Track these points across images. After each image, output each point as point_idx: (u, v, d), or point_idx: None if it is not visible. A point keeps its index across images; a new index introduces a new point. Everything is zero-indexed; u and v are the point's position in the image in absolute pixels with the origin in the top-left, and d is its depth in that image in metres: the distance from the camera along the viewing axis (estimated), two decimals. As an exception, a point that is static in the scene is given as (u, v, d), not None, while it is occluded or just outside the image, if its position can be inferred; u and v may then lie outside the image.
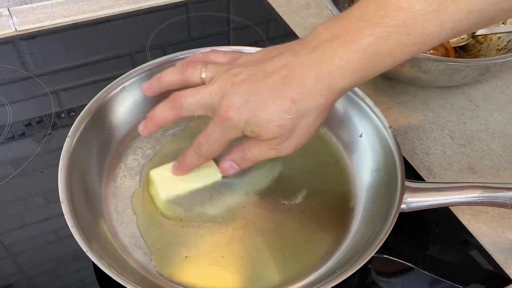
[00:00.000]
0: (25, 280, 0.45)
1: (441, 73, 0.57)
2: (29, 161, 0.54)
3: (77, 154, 0.47)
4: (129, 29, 0.73)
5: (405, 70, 0.58)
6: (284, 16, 0.76)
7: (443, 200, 0.45)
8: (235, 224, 0.47)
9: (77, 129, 0.48)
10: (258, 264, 0.45)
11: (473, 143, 0.59)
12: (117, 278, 0.38)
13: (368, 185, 0.50)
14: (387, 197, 0.46)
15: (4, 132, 0.57)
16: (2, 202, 0.50)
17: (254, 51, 0.45)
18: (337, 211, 0.49)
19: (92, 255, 0.38)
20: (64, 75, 0.65)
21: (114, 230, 0.46)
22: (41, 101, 0.61)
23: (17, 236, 0.48)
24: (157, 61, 0.55)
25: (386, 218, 0.43)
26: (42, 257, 0.46)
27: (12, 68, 0.65)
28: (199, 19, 0.76)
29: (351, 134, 0.54)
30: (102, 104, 0.51)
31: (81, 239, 0.40)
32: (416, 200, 0.45)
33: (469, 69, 0.56)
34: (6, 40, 0.70)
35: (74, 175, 0.45)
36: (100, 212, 0.47)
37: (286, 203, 0.49)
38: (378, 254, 0.46)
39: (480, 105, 0.63)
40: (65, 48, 0.69)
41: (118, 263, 0.42)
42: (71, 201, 0.43)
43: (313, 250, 0.46)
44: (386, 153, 0.49)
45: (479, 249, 0.48)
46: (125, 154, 0.53)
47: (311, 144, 0.54)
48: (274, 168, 0.52)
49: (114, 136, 0.53)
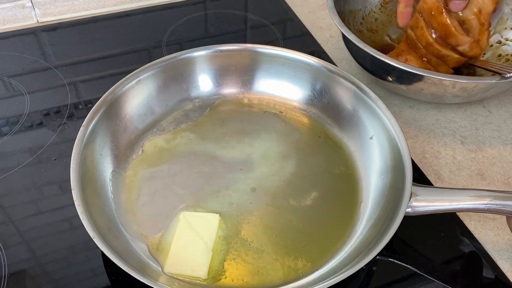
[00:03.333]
0: (38, 267, 0.46)
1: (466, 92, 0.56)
2: (44, 149, 0.55)
3: (90, 144, 0.48)
4: (147, 24, 0.74)
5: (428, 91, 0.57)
6: (301, 16, 0.77)
7: (449, 206, 0.44)
8: (240, 218, 0.48)
9: (92, 119, 0.49)
10: (261, 260, 0.45)
11: (484, 149, 0.58)
12: (122, 265, 0.38)
13: (376, 187, 0.50)
14: (394, 200, 0.46)
15: (21, 120, 0.58)
16: (17, 189, 0.51)
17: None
18: (343, 212, 0.49)
19: (99, 241, 0.39)
20: (82, 67, 0.66)
21: (124, 219, 0.47)
22: (58, 91, 0.62)
23: (32, 222, 0.49)
24: (172, 55, 0.56)
25: (391, 221, 0.43)
26: (55, 245, 0.47)
27: (33, 59, 0.67)
28: (216, 16, 0.77)
29: (362, 136, 0.54)
30: (117, 96, 0.52)
31: (89, 225, 0.41)
32: (422, 204, 0.44)
33: (498, 86, 0.55)
34: (28, 31, 0.72)
35: (86, 163, 0.47)
36: (111, 201, 0.48)
37: (294, 202, 0.50)
38: (383, 257, 0.47)
39: (494, 112, 0.63)
40: (84, 40, 0.71)
41: (126, 251, 0.43)
42: (81, 189, 0.44)
43: (317, 249, 0.46)
44: (395, 156, 0.49)
45: (484, 256, 0.48)
46: (138, 146, 0.54)
47: (322, 145, 0.55)
48: (284, 168, 0.52)
49: (127, 127, 0.54)
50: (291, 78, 0.58)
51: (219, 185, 0.51)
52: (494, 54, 0.65)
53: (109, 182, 0.49)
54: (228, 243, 0.46)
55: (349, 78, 0.54)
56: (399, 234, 0.42)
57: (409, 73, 0.54)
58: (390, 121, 0.50)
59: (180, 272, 0.43)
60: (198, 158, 0.53)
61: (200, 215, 0.48)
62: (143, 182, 0.51)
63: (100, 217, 0.44)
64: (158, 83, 0.56)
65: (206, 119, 0.57)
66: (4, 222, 0.49)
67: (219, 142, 0.55)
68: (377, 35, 0.69)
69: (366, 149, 0.53)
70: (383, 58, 0.54)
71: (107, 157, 0.50)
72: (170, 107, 0.57)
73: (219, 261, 0.45)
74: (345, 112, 0.55)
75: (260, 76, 0.59)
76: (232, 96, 0.60)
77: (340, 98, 0.56)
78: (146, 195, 0.50)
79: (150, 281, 0.38)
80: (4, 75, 0.64)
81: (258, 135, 0.56)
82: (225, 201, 0.49)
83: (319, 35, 0.73)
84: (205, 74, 0.59)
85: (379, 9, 0.70)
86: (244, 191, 0.50)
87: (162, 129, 0.56)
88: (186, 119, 0.57)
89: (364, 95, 0.53)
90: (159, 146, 0.54)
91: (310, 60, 0.56)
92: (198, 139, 0.55)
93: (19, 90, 0.62)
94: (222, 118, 0.57)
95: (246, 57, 0.58)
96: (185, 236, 0.46)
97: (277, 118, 0.58)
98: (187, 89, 0.58)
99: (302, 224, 0.48)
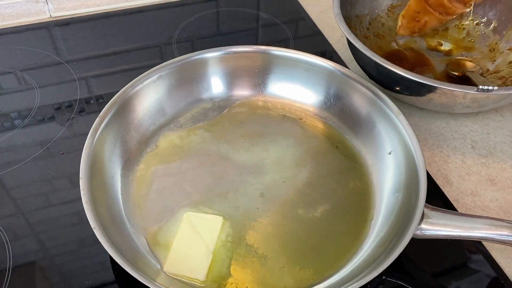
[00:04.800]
0: (47, 259, 0.46)
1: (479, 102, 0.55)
2: (52, 143, 0.56)
3: (105, 134, 0.48)
4: (159, 21, 0.74)
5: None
6: (312, 15, 0.76)
7: (461, 233, 0.42)
8: (245, 223, 0.47)
9: (109, 110, 0.49)
10: (260, 267, 0.45)
11: (495, 155, 0.57)
12: (118, 258, 0.38)
13: (387, 205, 0.48)
14: (403, 220, 0.44)
15: (31, 113, 0.59)
16: (27, 181, 0.52)
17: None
18: (352, 228, 0.48)
19: (99, 233, 0.40)
20: (93, 62, 0.67)
21: (130, 213, 0.47)
22: (68, 86, 0.63)
23: (40, 215, 0.49)
24: (196, 53, 0.56)
25: (397, 242, 0.41)
26: (63, 237, 0.48)
27: (45, 53, 0.68)
28: (228, 14, 0.77)
29: (380, 150, 0.52)
30: (137, 90, 0.53)
31: (92, 216, 0.41)
32: (433, 228, 0.42)
33: (510, 97, 0.54)
34: (41, 26, 0.72)
35: (98, 154, 0.47)
36: (119, 194, 0.48)
37: (302, 212, 0.48)
38: (393, 279, 0.44)
39: (507, 116, 0.62)
40: (96, 36, 0.71)
41: (127, 246, 0.43)
42: (90, 179, 0.44)
43: (319, 263, 0.45)
44: (411, 175, 0.46)
45: (508, 286, 0.45)
46: (153, 140, 0.54)
47: (338, 155, 0.54)
48: (297, 176, 0.52)
49: (144, 121, 0.54)
50: (307, 82, 0.58)
51: (228, 187, 0.50)
52: (505, 60, 0.64)
53: (120, 175, 0.50)
54: (233, 248, 0.46)
55: (368, 86, 0.53)
56: (411, 255, 0.40)
57: (418, 83, 0.52)
58: (411, 138, 0.48)
59: (179, 273, 0.43)
60: (210, 157, 0.53)
61: (204, 216, 0.47)
62: (154, 177, 0.51)
63: (105, 208, 0.45)
64: (179, 79, 0.56)
65: (223, 119, 0.57)
66: (14, 214, 0.49)
67: (234, 144, 0.54)
68: (384, 40, 0.68)
69: (383, 164, 0.51)
70: (393, 68, 0.52)
71: (120, 149, 0.51)
72: (189, 104, 0.57)
73: (226, 266, 0.44)
74: (365, 123, 0.54)
75: (278, 79, 0.59)
76: (252, 98, 0.59)
77: (358, 106, 0.55)
78: (155, 190, 0.50)
79: (145, 278, 0.38)
80: (17, 69, 0.65)
81: (274, 139, 0.55)
82: (232, 204, 0.49)
83: (330, 35, 0.73)
84: (228, 74, 0.59)
85: (386, 14, 0.70)
86: (252, 196, 0.50)
87: (180, 125, 0.56)
88: (204, 118, 0.57)
89: (387, 108, 0.51)
90: (173, 143, 0.54)
91: (326, 64, 0.56)
92: (212, 139, 0.55)
93: (30, 84, 0.63)
94: (239, 120, 0.57)
95: (266, 59, 0.58)
96: (187, 236, 0.46)
97: (295, 124, 0.57)
98: (208, 88, 0.58)
99: (307, 236, 0.47)
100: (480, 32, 0.67)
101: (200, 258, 0.44)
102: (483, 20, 0.68)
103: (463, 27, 0.68)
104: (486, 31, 0.67)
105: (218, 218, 0.47)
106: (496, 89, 0.50)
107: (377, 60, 0.53)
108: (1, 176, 0.52)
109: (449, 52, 0.67)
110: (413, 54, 0.66)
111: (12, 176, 0.52)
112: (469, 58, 0.65)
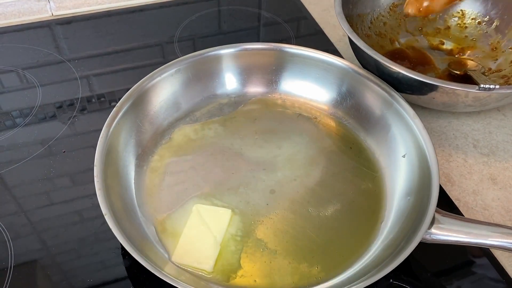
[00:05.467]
0: (48, 257, 0.46)
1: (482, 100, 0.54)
2: (53, 141, 0.56)
3: (121, 124, 0.49)
4: (160, 19, 0.74)
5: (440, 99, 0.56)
6: (314, 14, 0.76)
7: (471, 240, 0.41)
8: (254, 219, 0.48)
9: (126, 101, 0.50)
10: (269, 261, 0.45)
11: (497, 154, 0.57)
12: (127, 246, 0.39)
13: (399, 207, 0.48)
14: (413, 223, 0.43)
15: (32, 112, 0.59)
16: (28, 180, 0.52)
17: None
18: (362, 229, 0.47)
19: (110, 219, 0.40)
20: (94, 61, 0.67)
21: (142, 201, 0.48)
22: (70, 85, 0.63)
23: (42, 214, 0.49)
24: (214, 48, 0.57)
25: (405, 245, 0.40)
26: (65, 236, 0.48)
27: (47, 52, 0.68)
28: (230, 13, 0.77)
29: (394, 152, 0.52)
30: (155, 83, 0.53)
31: (104, 202, 0.41)
32: (443, 233, 0.42)
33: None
34: (43, 24, 0.72)
35: (113, 144, 0.47)
36: (132, 184, 0.49)
37: (312, 211, 0.49)
38: (401, 283, 0.44)
39: (509, 115, 0.61)
40: (98, 35, 0.71)
41: (136, 234, 0.44)
42: (103, 167, 0.44)
43: (326, 261, 0.45)
44: (424, 178, 0.46)
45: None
46: (168, 133, 0.55)
47: (352, 156, 0.54)
48: (309, 174, 0.52)
49: (160, 113, 0.55)
50: (322, 80, 0.58)
51: (239, 182, 0.50)
52: (507, 59, 0.64)
53: (134, 165, 0.50)
54: (243, 242, 0.46)
55: (384, 87, 0.53)
56: (420, 259, 0.40)
57: (419, 82, 0.52)
58: (426, 142, 0.48)
59: (187, 263, 0.44)
60: (224, 152, 0.53)
61: (213, 208, 0.48)
62: (167, 168, 0.51)
63: (117, 196, 0.45)
64: (196, 74, 0.56)
65: (238, 115, 0.57)
66: (16, 212, 0.49)
67: (247, 139, 0.55)
68: (385, 39, 0.67)
69: (396, 167, 0.51)
70: (394, 67, 0.52)
71: (135, 140, 0.51)
72: (205, 99, 0.58)
73: (236, 259, 0.45)
74: (380, 125, 0.54)
75: (293, 77, 0.59)
76: (267, 95, 0.60)
77: (373, 107, 0.55)
78: (167, 181, 0.50)
79: (153, 267, 0.38)
80: (18, 68, 0.65)
81: (287, 137, 0.55)
82: (242, 199, 0.49)
83: (332, 34, 0.73)
84: (243, 71, 0.59)
85: (388, 13, 0.69)
86: (262, 192, 0.50)
87: (195, 119, 0.56)
88: (219, 113, 0.57)
89: (402, 109, 0.51)
90: (187, 136, 0.55)
91: (341, 63, 0.56)
92: (226, 134, 0.55)
93: (32, 82, 0.63)
94: (254, 116, 0.57)
95: (280, 56, 0.58)
96: (196, 228, 0.46)
97: (310, 122, 0.57)
98: (223, 83, 0.59)
99: (316, 234, 0.47)
100: (482, 31, 0.67)
101: (207, 250, 0.45)
102: (485, 19, 0.67)
103: (465, 26, 0.68)
104: (488, 30, 0.67)
105: (227, 210, 0.48)
106: (498, 88, 0.50)
107: (379, 59, 0.53)
108: (2, 175, 0.52)
109: (451, 51, 0.67)
110: (415, 53, 0.66)
111: (13, 174, 0.52)
112: (471, 57, 0.65)
